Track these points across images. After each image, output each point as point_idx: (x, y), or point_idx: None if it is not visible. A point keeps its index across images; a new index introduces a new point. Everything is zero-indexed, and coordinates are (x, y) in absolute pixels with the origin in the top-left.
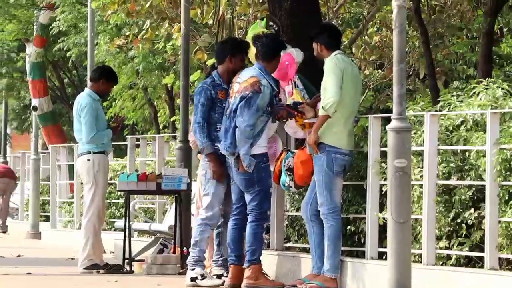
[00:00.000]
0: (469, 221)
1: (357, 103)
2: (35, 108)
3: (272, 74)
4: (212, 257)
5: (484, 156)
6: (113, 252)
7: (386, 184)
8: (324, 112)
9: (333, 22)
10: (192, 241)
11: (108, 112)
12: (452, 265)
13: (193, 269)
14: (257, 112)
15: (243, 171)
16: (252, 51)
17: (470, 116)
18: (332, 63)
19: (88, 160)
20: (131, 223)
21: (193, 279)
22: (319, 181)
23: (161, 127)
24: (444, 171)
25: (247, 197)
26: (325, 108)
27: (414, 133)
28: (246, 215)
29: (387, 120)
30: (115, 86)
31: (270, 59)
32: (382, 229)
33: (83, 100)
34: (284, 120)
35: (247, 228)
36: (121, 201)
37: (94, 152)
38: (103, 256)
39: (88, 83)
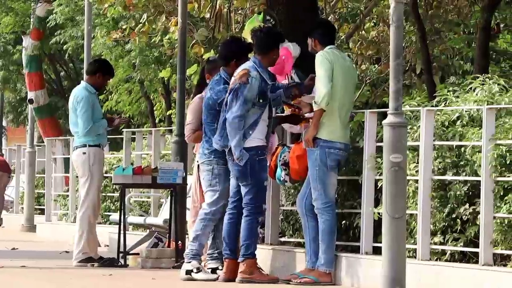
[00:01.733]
0: (464, 216)
1: (350, 96)
2: (31, 101)
3: (269, 68)
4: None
5: (479, 151)
6: (107, 246)
7: (381, 179)
8: (318, 106)
9: (330, 17)
10: (193, 234)
11: (104, 106)
12: (446, 260)
13: (189, 262)
14: (245, 104)
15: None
16: None
17: (466, 111)
18: (321, 57)
19: (84, 153)
20: (126, 216)
21: (188, 272)
22: (313, 175)
23: (157, 120)
24: (439, 167)
25: (243, 190)
26: (317, 102)
27: (410, 128)
28: (242, 210)
29: (383, 115)
30: (111, 80)
31: (265, 52)
32: (377, 224)
33: (79, 93)
34: (298, 96)
35: (242, 222)
36: (116, 194)
37: (89, 145)
38: (98, 249)
39: (85, 76)
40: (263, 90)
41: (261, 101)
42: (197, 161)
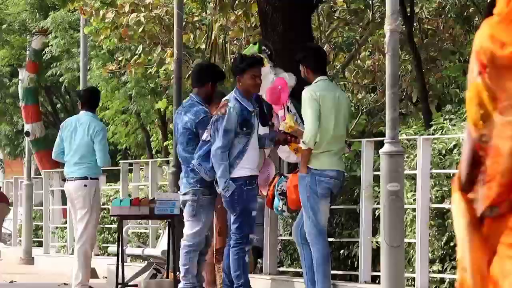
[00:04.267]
0: None
1: (342, 127)
2: (27, 134)
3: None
4: (208, 281)
5: None
6: (106, 277)
7: (379, 208)
8: (306, 146)
9: (325, 46)
10: (183, 269)
11: None
12: None
13: None
14: (227, 134)
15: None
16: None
17: (463, 139)
18: (308, 95)
19: (85, 185)
20: (124, 248)
21: None
22: (304, 202)
23: (154, 152)
24: (437, 195)
25: (231, 219)
26: (305, 142)
27: (407, 157)
28: None
29: (380, 144)
30: (108, 111)
31: (238, 77)
32: (376, 253)
33: (97, 123)
34: (280, 143)
35: (230, 253)
36: (114, 226)
37: (91, 178)
38: (97, 281)
39: (84, 108)
40: (245, 119)
41: (244, 129)
42: (179, 192)
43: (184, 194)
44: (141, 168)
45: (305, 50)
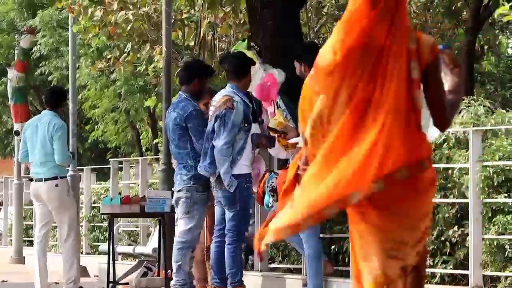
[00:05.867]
0: (453, 239)
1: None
2: (17, 133)
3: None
4: (199, 278)
5: (467, 173)
6: (97, 276)
7: None
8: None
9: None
10: (175, 266)
11: (90, 136)
12: (436, 283)
13: None
14: (233, 129)
15: (225, 189)
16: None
17: (452, 134)
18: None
19: (56, 185)
20: (115, 246)
21: None
22: None
23: (144, 149)
24: None
25: (227, 216)
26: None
27: None
28: None
29: None
30: (97, 110)
31: (240, 78)
32: None
33: (57, 121)
34: (265, 146)
35: (226, 250)
36: (105, 224)
37: (60, 177)
38: (88, 280)
39: (48, 108)
40: (247, 114)
41: (246, 125)
42: (173, 189)
43: (178, 191)
44: (131, 166)
45: (305, 48)
